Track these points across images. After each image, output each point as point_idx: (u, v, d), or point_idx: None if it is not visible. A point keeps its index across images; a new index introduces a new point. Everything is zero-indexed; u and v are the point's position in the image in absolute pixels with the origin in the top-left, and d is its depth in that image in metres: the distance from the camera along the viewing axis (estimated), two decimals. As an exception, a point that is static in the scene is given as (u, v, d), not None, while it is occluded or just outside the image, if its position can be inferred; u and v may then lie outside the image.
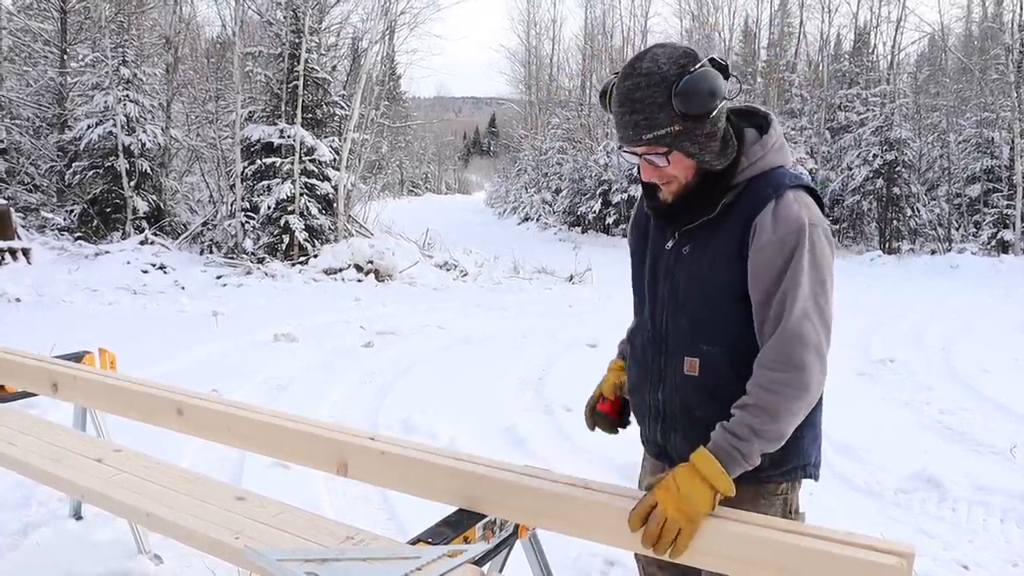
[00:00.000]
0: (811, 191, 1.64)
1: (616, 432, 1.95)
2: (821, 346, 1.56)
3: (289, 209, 13.58)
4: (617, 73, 1.61)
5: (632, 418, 1.90)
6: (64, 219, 14.67)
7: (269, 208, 13.49)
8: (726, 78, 1.55)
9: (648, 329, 1.77)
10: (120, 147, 14.20)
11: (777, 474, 1.69)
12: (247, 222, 13.81)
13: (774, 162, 1.64)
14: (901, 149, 18.25)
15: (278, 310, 9.38)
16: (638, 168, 1.65)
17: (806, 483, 1.78)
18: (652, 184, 1.69)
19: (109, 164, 14.46)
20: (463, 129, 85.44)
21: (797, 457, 1.70)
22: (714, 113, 1.54)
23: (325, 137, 14.57)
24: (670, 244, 1.72)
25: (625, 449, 2.45)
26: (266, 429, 2.16)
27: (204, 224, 14.75)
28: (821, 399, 1.71)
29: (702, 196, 1.63)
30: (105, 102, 14.25)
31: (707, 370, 1.66)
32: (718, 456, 1.51)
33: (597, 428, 1.95)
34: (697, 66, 1.52)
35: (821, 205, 1.65)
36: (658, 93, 1.52)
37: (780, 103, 22.24)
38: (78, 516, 3.33)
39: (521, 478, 1.70)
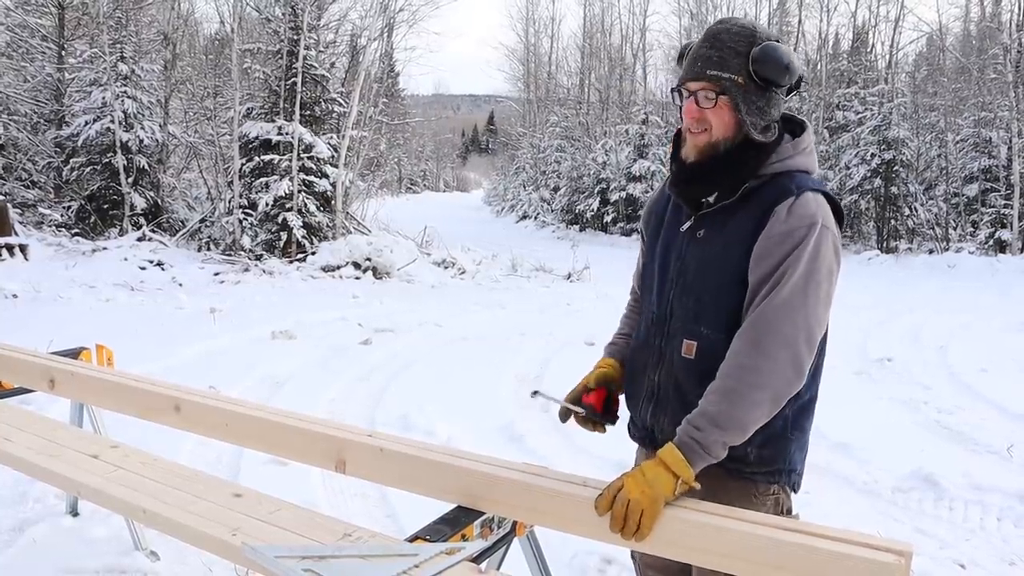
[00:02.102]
0: (832, 201, 1.64)
1: (602, 429, 1.84)
2: (796, 342, 1.54)
3: (287, 206, 13.56)
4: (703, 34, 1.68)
5: (620, 412, 1.86)
6: (61, 215, 14.66)
7: (267, 205, 13.47)
8: (798, 90, 1.63)
9: (653, 310, 1.77)
10: (118, 143, 14.17)
11: (761, 472, 1.68)
12: (245, 219, 13.79)
13: (801, 165, 1.67)
14: (899, 148, 18.25)
15: (276, 307, 9.36)
16: (680, 110, 1.67)
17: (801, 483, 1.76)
18: (679, 146, 1.71)
19: (107, 160, 14.44)
20: (461, 127, 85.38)
21: (783, 460, 1.69)
22: (776, 90, 1.62)
23: (323, 134, 14.55)
24: (686, 226, 1.72)
25: (621, 447, 2.45)
26: (264, 426, 2.16)
27: (202, 221, 14.73)
28: (813, 406, 1.70)
29: (724, 172, 1.64)
30: (103, 98, 14.23)
31: (703, 355, 1.66)
32: (681, 449, 1.53)
33: (576, 423, 1.84)
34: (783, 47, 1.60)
35: (840, 217, 1.65)
36: (741, 43, 1.60)
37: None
38: (74, 512, 3.33)
39: (519, 475, 1.70)
